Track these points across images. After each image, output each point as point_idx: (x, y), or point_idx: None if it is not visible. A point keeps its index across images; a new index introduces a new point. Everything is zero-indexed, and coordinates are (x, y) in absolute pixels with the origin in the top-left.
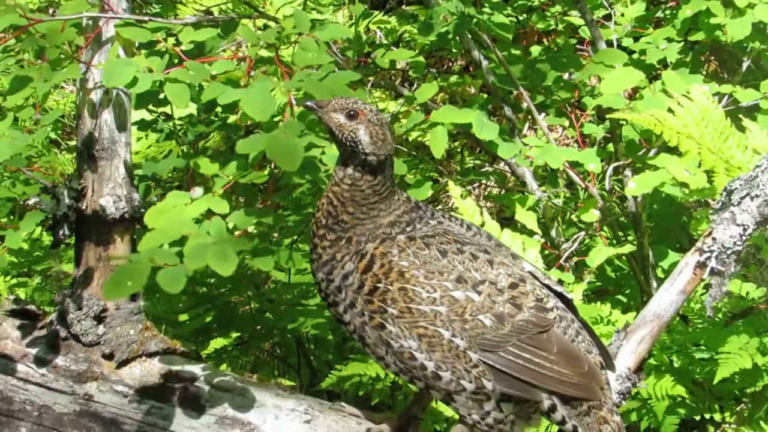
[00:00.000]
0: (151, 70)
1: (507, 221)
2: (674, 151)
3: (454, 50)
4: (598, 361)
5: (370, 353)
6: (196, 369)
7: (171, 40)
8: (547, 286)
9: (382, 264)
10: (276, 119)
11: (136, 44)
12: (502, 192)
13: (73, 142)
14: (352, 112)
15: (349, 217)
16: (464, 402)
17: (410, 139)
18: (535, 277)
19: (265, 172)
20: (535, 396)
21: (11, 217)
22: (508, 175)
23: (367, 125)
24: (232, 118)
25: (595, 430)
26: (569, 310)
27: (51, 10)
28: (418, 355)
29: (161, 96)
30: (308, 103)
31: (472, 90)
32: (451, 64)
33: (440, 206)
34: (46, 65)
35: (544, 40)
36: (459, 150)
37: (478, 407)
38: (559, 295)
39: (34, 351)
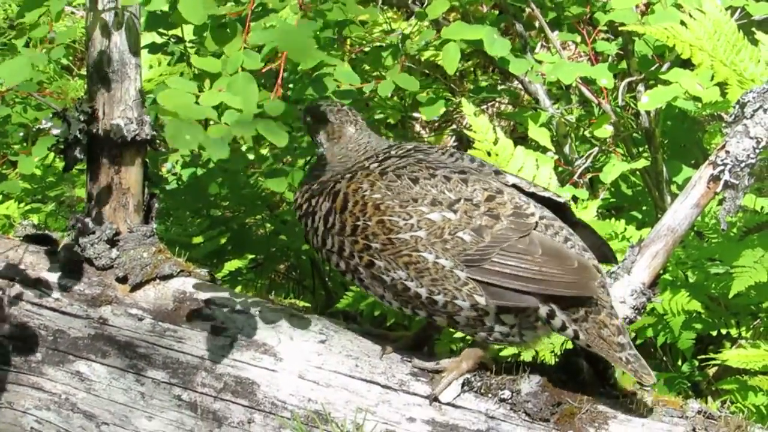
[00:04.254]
0: None
1: (521, 140)
2: (687, 65)
3: None
4: (593, 265)
5: (372, 294)
6: (211, 291)
7: None
8: (533, 194)
9: (356, 201)
10: None
11: None
12: (515, 110)
13: (85, 69)
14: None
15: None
16: (466, 321)
17: (423, 59)
18: (520, 189)
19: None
20: (529, 302)
21: (24, 144)
22: (521, 93)
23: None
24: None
25: (594, 335)
26: (565, 216)
27: None
28: (409, 284)
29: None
30: None
31: (485, 8)
32: None
33: (453, 125)
34: None
35: None
36: (472, 69)
37: (480, 324)
38: (549, 202)
39: (48, 276)
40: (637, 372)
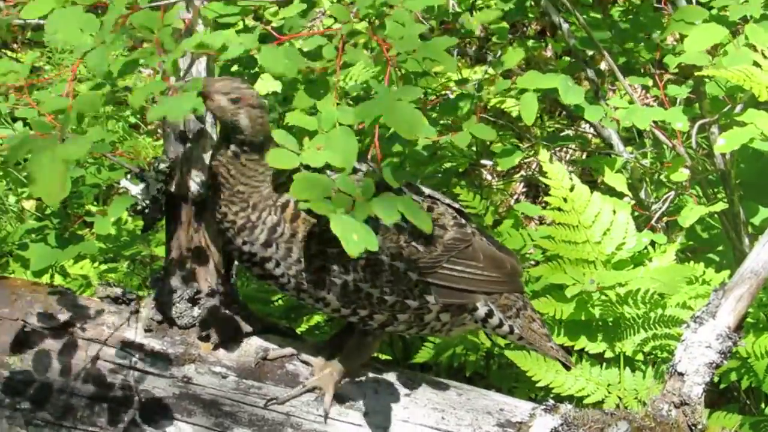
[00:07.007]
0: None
1: (591, 185)
2: (761, 106)
3: (530, 15)
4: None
5: (307, 298)
6: (293, 347)
7: (249, 21)
8: (448, 204)
9: None
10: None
11: None
12: (585, 155)
13: (152, 126)
14: (234, 97)
15: (244, 187)
16: (406, 318)
17: (489, 106)
18: (437, 199)
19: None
20: (473, 300)
21: (95, 203)
22: (590, 137)
23: (248, 110)
24: None
25: (526, 328)
26: None
27: None
28: (363, 285)
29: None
30: None
31: (549, 53)
32: (525, 29)
33: (522, 172)
34: (151, 47)
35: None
36: (539, 115)
37: (419, 321)
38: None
39: (130, 335)
40: (567, 359)
